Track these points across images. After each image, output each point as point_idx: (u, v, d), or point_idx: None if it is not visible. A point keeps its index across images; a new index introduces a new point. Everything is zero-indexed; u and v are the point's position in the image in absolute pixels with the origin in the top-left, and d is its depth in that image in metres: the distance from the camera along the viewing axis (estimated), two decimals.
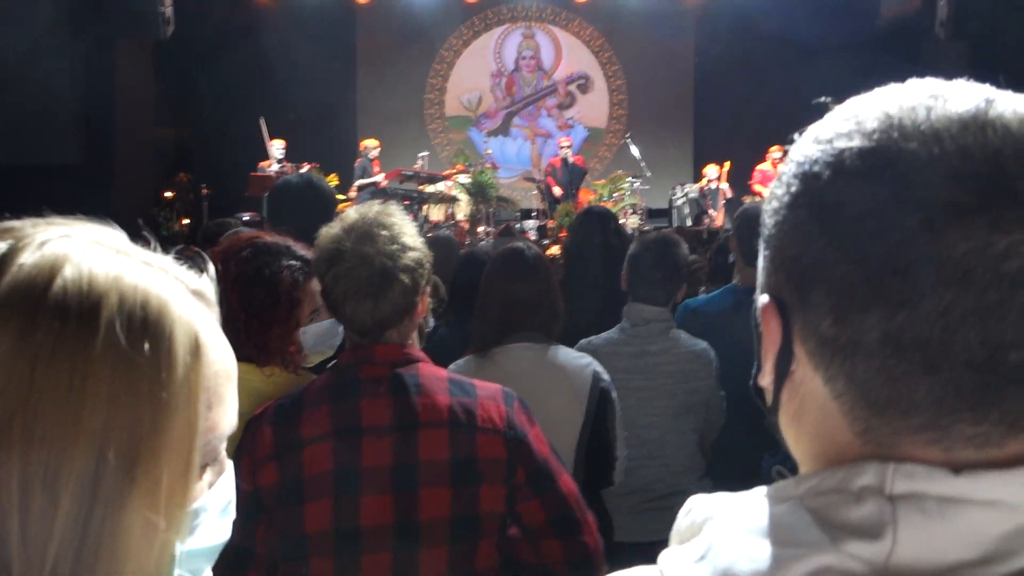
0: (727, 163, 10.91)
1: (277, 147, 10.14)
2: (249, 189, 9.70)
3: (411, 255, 1.52)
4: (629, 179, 11.14)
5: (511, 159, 13.61)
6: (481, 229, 10.29)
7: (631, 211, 10.73)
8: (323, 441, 1.49)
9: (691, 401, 2.53)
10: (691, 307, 2.89)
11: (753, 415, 0.73)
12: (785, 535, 0.48)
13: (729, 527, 0.51)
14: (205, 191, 10.38)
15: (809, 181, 0.51)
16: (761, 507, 0.51)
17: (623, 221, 9.27)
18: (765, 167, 10.66)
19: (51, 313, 0.50)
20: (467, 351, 2.24)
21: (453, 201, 10.50)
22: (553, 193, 10.71)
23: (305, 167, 10.03)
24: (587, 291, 2.94)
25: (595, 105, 14.02)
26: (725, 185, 10.85)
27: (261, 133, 10.17)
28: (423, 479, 1.48)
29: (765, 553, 0.48)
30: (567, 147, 10.97)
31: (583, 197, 10.88)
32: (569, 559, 1.58)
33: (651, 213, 11.59)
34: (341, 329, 1.80)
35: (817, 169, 0.51)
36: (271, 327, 1.75)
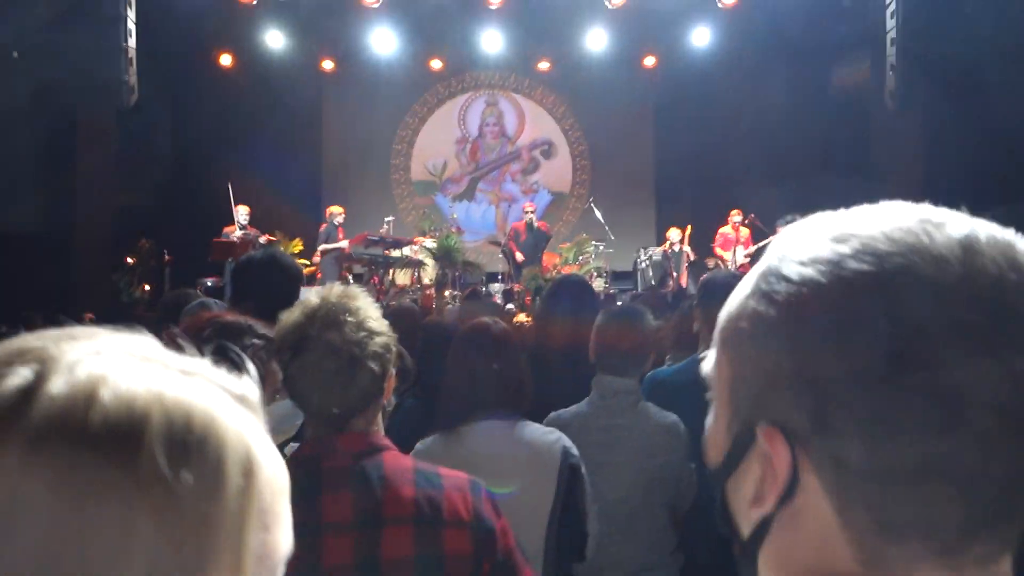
0: (688, 227, 11.12)
1: (241, 212, 10.10)
2: (212, 254, 9.63)
3: (378, 340, 1.49)
4: (594, 243, 11.27)
5: (476, 223, 13.72)
6: (447, 293, 10.28)
7: (596, 274, 10.83)
8: None
9: (662, 475, 2.50)
10: (658, 378, 2.89)
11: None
12: None
13: None
14: (168, 259, 10.26)
15: (819, 303, 0.49)
16: None
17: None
18: (726, 230, 10.88)
19: (93, 446, 0.45)
20: (434, 429, 2.21)
21: (419, 265, 10.51)
22: (515, 258, 10.79)
23: (264, 239, 9.99)
24: (557, 361, 2.93)
25: (558, 170, 14.25)
26: (688, 248, 11.04)
27: (228, 198, 10.13)
28: None
29: None
30: (531, 212, 11.08)
31: (547, 261, 10.97)
32: None
33: (616, 276, 11.72)
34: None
35: (833, 293, 0.48)
36: None
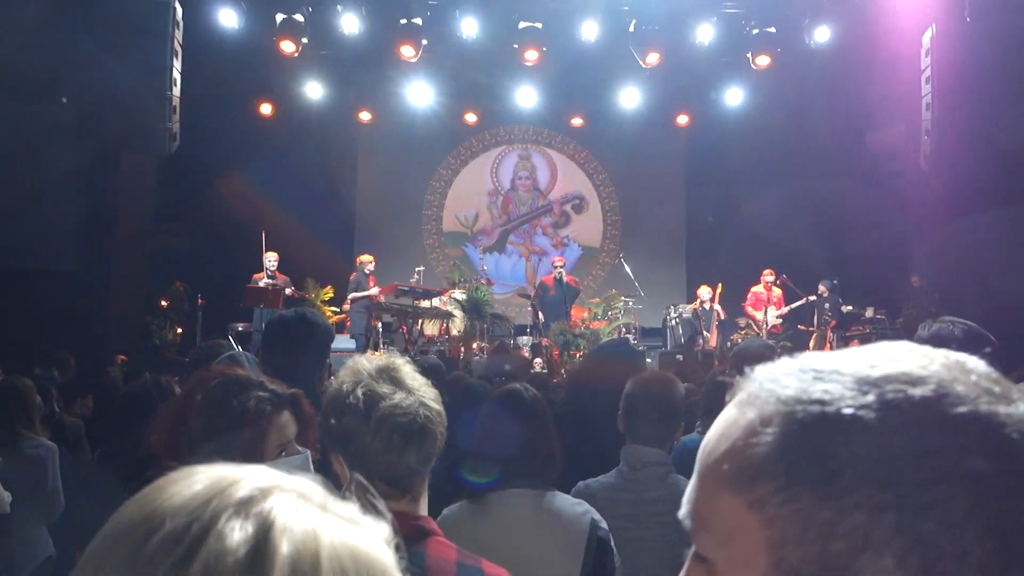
0: (720, 285, 11.04)
1: (270, 259, 10.22)
2: (244, 300, 9.74)
3: (436, 407, 1.47)
4: (623, 298, 11.23)
5: (506, 275, 13.77)
6: (475, 345, 10.27)
7: (625, 330, 10.77)
8: None
9: None
10: (689, 447, 2.84)
11: None
12: None
13: None
14: (200, 301, 10.40)
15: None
16: None
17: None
18: (758, 290, 10.79)
19: None
20: (461, 496, 2.17)
21: (448, 317, 10.52)
22: (538, 317, 10.74)
23: (290, 290, 10.09)
24: (587, 428, 2.89)
25: (589, 224, 14.30)
26: (718, 307, 10.94)
27: (260, 244, 10.28)
28: None
29: None
30: (560, 267, 11.09)
31: (576, 315, 10.93)
32: None
33: (645, 332, 11.63)
34: (312, 465, 1.72)
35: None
36: (232, 456, 1.68)
